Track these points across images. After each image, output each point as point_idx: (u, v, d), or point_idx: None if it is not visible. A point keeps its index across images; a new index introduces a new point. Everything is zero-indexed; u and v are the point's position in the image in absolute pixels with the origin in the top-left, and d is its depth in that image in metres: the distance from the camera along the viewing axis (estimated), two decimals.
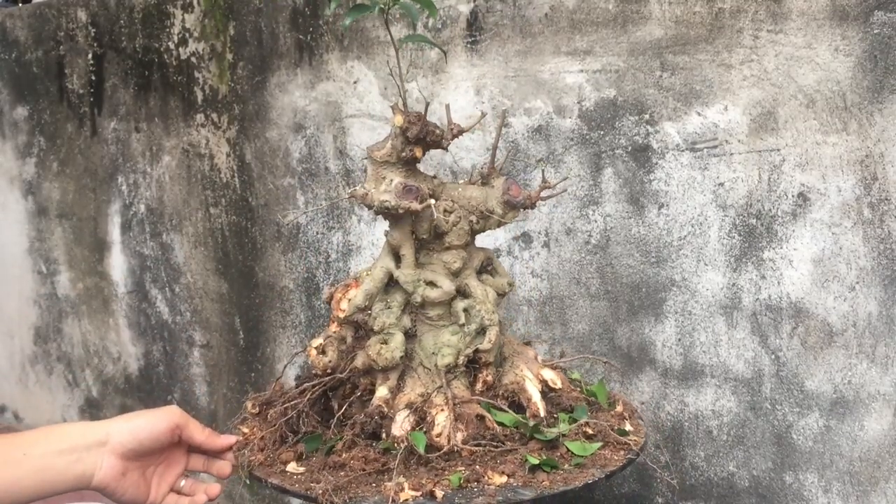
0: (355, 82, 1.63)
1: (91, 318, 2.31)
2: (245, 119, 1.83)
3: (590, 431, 1.00)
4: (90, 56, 2.14)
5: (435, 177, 1.06)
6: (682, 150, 1.29)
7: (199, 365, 2.05)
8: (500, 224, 1.05)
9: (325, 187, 1.72)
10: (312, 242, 1.76)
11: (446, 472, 0.92)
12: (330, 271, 1.74)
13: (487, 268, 1.09)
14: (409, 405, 0.97)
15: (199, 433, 0.96)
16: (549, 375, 1.05)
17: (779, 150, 1.22)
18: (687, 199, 1.30)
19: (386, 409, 0.98)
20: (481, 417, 0.98)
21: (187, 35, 1.90)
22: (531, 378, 1.04)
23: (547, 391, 1.05)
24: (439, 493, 0.88)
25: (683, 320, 1.33)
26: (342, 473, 0.94)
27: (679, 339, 1.34)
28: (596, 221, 1.39)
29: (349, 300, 1.03)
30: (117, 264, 2.19)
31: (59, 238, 2.35)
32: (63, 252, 2.35)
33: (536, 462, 0.93)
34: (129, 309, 2.19)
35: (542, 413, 1.00)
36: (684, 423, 1.35)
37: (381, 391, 1.00)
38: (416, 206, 0.97)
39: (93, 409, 2.37)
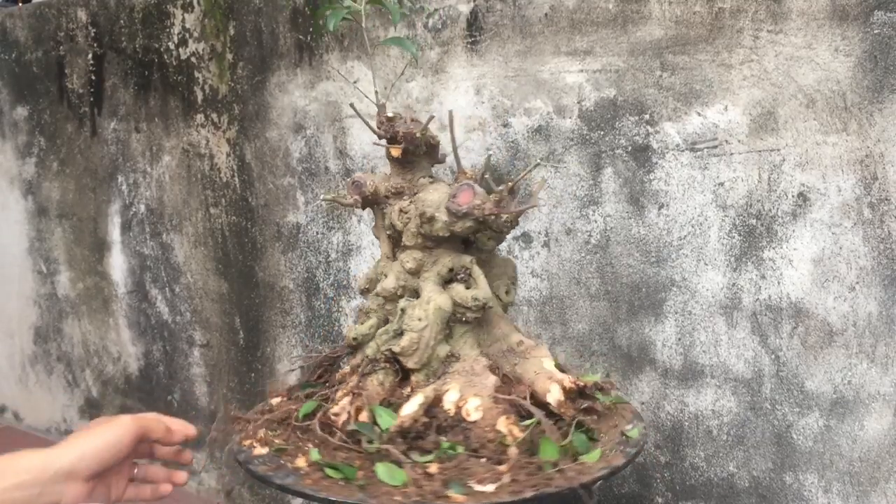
0: (355, 82, 1.63)
1: (91, 318, 2.31)
2: (245, 119, 1.83)
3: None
4: (90, 56, 2.14)
5: (430, 176, 1.06)
6: (682, 150, 1.29)
7: (199, 365, 2.05)
8: (451, 231, 0.99)
9: (325, 187, 1.72)
10: (312, 242, 1.76)
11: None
12: (330, 271, 1.74)
13: (461, 277, 1.04)
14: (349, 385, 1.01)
15: (156, 429, 0.94)
16: (473, 403, 0.95)
17: (779, 150, 1.22)
18: (687, 199, 1.30)
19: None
20: (360, 410, 0.99)
21: (187, 35, 1.90)
22: (422, 399, 0.98)
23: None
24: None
25: (683, 320, 1.33)
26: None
27: (679, 339, 1.34)
28: (596, 221, 1.39)
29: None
30: (117, 264, 2.19)
31: (59, 238, 2.35)
32: (63, 252, 2.35)
33: (315, 459, 0.93)
34: (129, 309, 2.19)
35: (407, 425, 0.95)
36: (684, 423, 1.35)
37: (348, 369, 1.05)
38: (348, 200, 1.01)
39: (93, 409, 2.37)
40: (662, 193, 1.32)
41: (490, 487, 0.84)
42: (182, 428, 0.98)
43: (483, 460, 0.89)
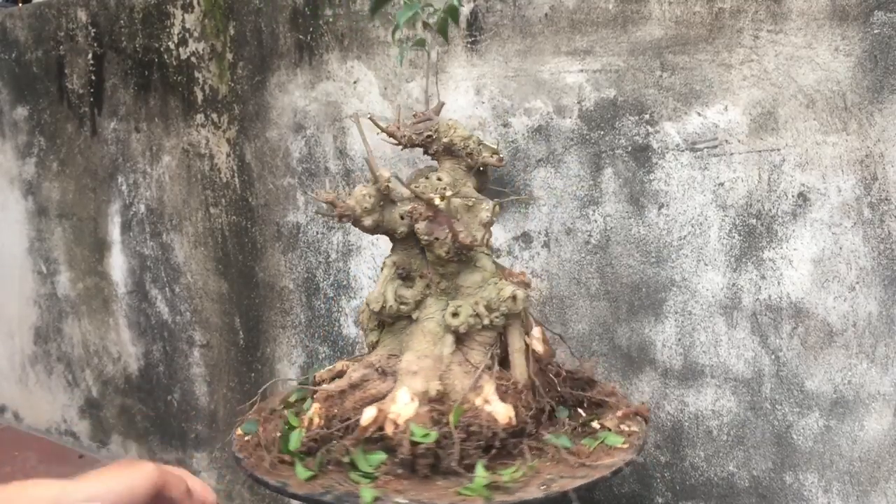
0: (355, 82, 1.63)
1: (91, 318, 2.31)
2: (245, 119, 1.83)
3: None
4: (90, 56, 2.14)
5: (458, 175, 1.11)
6: (682, 150, 1.29)
7: (199, 365, 2.05)
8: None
9: (325, 187, 1.72)
10: (312, 242, 1.76)
11: None
12: (330, 271, 1.74)
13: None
14: None
15: (178, 489, 0.84)
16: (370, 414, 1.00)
17: (779, 150, 1.22)
18: (687, 199, 1.30)
19: None
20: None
21: (187, 35, 1.90)
22: (331, 367, 1.12)
23: None
24: None
25: (683, 320, 1.33)
26: None
27: (679, 339, 1.34)
28: (596, 221, 1.39)
29: None
30: (117, 264, 2.19)
31: (59, 238, 2.35)
32: (63, 252, 2.35)
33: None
34: (129, 309, 2.19)
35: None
36: (684, 423, 1.35)
37: None
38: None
39: (93, 409, 2.37)
40: (662, 193, 1.32)
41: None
42: (202, 491, 0.93)
43: (286, 426, 1.04)
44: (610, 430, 1.03)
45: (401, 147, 1.09)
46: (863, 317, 1.19)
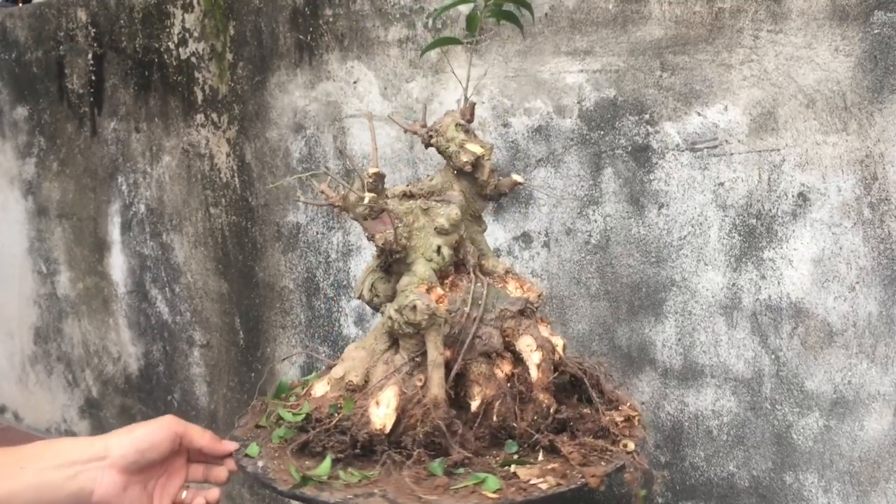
0: (355, 82, 1.63)
1: (91, 318, 2.31)
2: (245, 119, 1.83)
3: None
4: (90, 56, 2.14)
5: (449, 180, 1.11)
6: (682, 150, 1.29)
7: (199, 365, 2.05)
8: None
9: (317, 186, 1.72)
10: (312, 242, 1.76)
11: None
12: (330, 271, 1.74)
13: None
14: None
15: (201, 437, 0.95)
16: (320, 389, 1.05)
17: (779, 150, 1.22)
18: (687, 199, 1.30)
19: None
20: None
21: (187, 35, 1.90)
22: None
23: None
24: None
25: (683, 320, 1.33)
26: None
27: (679, 339, 1.34)
28: (596, 221, 1.39)
29: None
30: (117, 264, 2.19)
31: (59, 238, 2.35)
32: (63, 252, 2.35)
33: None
34: (129, 309, 2.19)
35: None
36: (684, 423, 1.35)
37: None
38: None
39: (93, 409, 2.37)
40: (662, 193, 1.32)
41: None
42: (226, 444, 0.99)
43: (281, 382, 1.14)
44: (516, 476, 0.94)
45: (425, 146, 1.10)
46: (863, 317, 1.19)
